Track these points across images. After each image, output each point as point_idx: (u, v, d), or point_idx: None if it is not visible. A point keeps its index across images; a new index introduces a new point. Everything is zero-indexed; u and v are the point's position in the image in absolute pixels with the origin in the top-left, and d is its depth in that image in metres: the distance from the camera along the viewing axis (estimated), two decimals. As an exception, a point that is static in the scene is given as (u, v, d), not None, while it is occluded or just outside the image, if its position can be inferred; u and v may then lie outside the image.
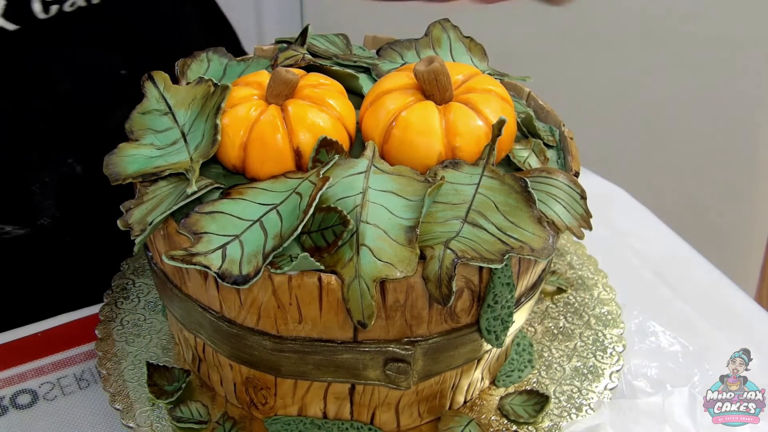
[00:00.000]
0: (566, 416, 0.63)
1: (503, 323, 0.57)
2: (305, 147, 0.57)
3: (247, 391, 0.61)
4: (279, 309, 0.54)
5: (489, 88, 0.60)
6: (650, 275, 0.82)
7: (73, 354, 0.72)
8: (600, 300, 0.73)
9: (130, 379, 0.64)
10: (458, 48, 0.68)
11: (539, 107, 0.67)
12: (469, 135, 0.58)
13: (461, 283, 0.54)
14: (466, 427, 0.62)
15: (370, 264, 0.52)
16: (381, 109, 0.59)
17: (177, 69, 0.66)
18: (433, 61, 0.58)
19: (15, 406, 0.68)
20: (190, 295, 0.58)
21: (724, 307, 0.80)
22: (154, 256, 0.60)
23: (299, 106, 0.58)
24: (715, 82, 1.53)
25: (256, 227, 0.54)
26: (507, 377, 0.66)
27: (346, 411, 0.60)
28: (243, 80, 0.62)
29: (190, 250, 0.53)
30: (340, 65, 0.67)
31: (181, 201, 0.55)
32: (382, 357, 0.56)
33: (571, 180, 0.58)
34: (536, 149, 0.62)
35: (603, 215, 0.70)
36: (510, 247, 0.53)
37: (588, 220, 0.57)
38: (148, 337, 0.68)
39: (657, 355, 0.71)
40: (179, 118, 0.61)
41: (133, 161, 0.59)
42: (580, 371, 0.67)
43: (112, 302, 0.71)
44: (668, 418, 0.65)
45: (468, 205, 0.55)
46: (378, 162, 0.57)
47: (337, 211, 0.53)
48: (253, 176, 0.58)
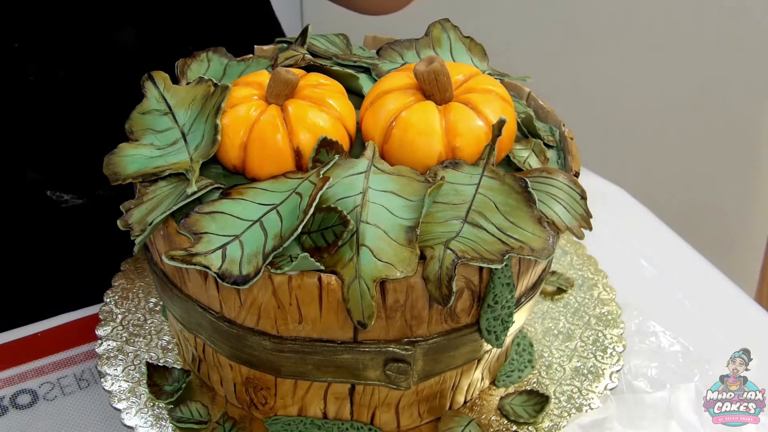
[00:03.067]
0: (566, 416, 0.63)
1: (503, 323, 0.57)
2: (305, 147, 0.57)
3: (247, 391, 0.61)
4: (279, 309, 0.54)
5: (489, 88, 0.60)
6: (650, 275, 0.82)
7: (73, 354, 0.72)
8: (600, 300, 0.73)
9: (130, 379, 0.64)
10: (458, 48, 0.68)
11: (539, 107, 0.67)
12: (469, 135, 0.58)
13: (461, 284, 0.54)
14: (466, 427, 0.62)
15: (370, 264, 0.52)
16: (381, 109, 0.59)
17: (177, 69, 0.66)
18: (433, 61, 0.58)
19: (15, 406, 0.68)
20: (190, 295, 0.58)
21: (724, 307, 0.80)
22: (154, 256, 0.60)
23: (299, 106, 0.58)
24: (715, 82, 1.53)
25: (256, 227, 0.54)
26: (507, 377, 0.66)
27: (346, 411, 0.60)
28: (243, 80, 0.62)
29: (190, 250, 0.53)
30: (340, 65, 0.67)
31: (181, 201, 0.55)
32: (382, 357, 0.56)
33: (571, 180, 0.58)
34: (536, 149, 0.62)
35: (603, 215, 0.70)
36: (510, 247, 0.53)
37: (588, 220, 0.57)
38: (148, 337, 0.68)
39: (657, 355, 0.71)
40: (179, 118, 0.61)
41: (133, 161, 0.59)
42: (580, 371, 0.67)
43: (112, 302, 0.71)
44: (674, 413, 0.65)
45: (468, 206, 0.55)
46: (378, 162, 0.57)
47: (337, 212, 0.53)
48: (253, 176, 0.58)
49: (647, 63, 1.51)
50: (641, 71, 1.52)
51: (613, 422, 0.64)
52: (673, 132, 1.57)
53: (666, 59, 1.51)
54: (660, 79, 1.52)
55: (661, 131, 1.57)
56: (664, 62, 1.51)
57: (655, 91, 1.53)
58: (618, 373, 0.67)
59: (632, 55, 1.50)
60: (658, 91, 1.53)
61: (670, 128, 1.57)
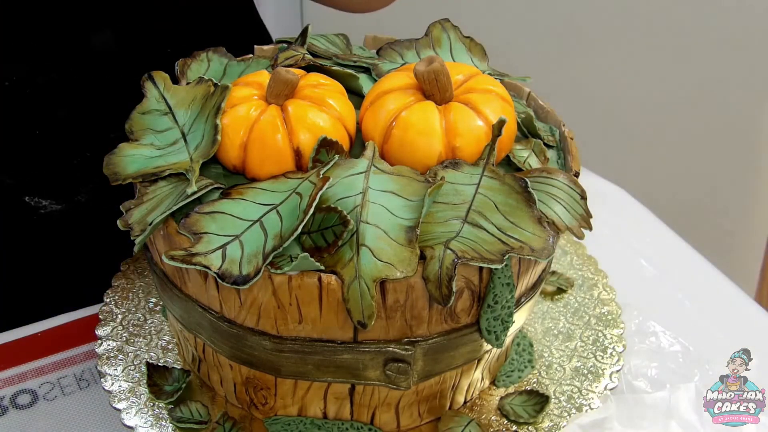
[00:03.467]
0: (566, 416, 0.63)
1: (503, 323, 0.57)
2: (305, 147, 0.57)
3: (247, 391, 0.61)
4: (279, 309, 0.54)
5: (489, 88, 0.60)
6: (650, 275, 0.82)
7: (73, 354, 0.72)
8: (600, 300, 0.73)
9: (130, 379, 0.64)
10: (458, 48, 0.68)
11: (539, 107, 0.67)
12: (469, 135, 0.58)
13: (461, 284, 0.54)
14: (466, 427, 0.62)
15: (370, 264, 0.52)
16: (381, 109, 0.59)
17: (177, 69, 0.66)
18: (433, 61, 0.58)
19: (15, 406, 0.68)
20: (190, 295, 0.58)
21: (724, 307, 0.80)
22: (154, 256, 0.60)
23: (299, 106, 0.58)
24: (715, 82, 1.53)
25: (256, 227, 0.54)
26: (507, 377, 0.66)
27: (346, 411, 0.60)
28: (243, 80, 0.62)
29: (190, 250, 0.53)
30: (340, 65, 0.67)
31: (181, 201, 0.55)
32: (382, 357, 0.56)
33: (571, 180, 0.58)
34: (536, 149, 0.62)
35: (603, 215, 0.70)
36: (510, 247, 0.53)
37: (588, 220, 0.57)
38: (148, 337, 0.68)
39: (657, 355, 0.71)
40: (179, 118, 0.61)
41: (133, 161, 0.59)
42: (580, 371, 0.67)
43: (112, 302, 0.71)
44: (674, 413, 0.65)
45: (468, 206, 0.55)
46: (378, 162, 0.57)
47: (337, 211, 0.53)
48: (253, 176, 0.58)
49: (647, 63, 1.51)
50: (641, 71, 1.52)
51: (613, 422, 0.64)
52: (673, 132, 1.57)
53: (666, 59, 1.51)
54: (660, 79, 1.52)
55: (661, 131, 1.57)
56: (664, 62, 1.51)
57: (655, 91, 1.53)
58: (618, 373, 0.67)
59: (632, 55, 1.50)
60: (658, 91, 1.53)
61: (670, 128, 1.57)
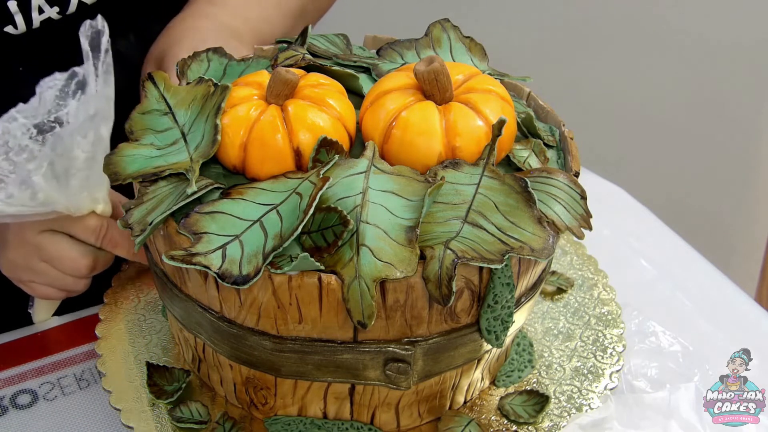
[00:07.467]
0: (566, 416, 0.63)
1: (503, 323, 0.57)
2: (305, 147, 0.57)
3: (247, 391, 0.61)
4: (279, 309, 0.54)
5: (489, 88, 0.60)
6: (650, 276, 0.82)
7: (73, 354, 0.72)
8: (600, 300, 0.73)
9: (130, 379, 0.64)
10: (458, 48, 0.68)
11: (539, 107, 0.67)
12: (469, 135, 0.58)
13: (461, 283, 0.54)
14: (466, 427, 0.62)
15: (370, 264, 0.52)
16: (381, 109, 0.59)
17: (177, 69, 0.66)
18: (433, 61, 0.58)
19: (15, 406, 0.68)
20: (190, 295, 0.58)
21: (724, 307, 0.80)
22: (154, 256, 0.60)
23: (299, 106, 0.58)
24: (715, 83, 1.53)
25: (256, 227, 0.54)
26: (507, 377, 0.66)
27: (346, 411, 0.60)
28: (243, 80, 0.62)
29: (190, 250, 0.53)
30: (340, 65, 0.67)
31: (181, 201, 0.55)
32: (382, 357, 0.56)
33: (571, 180, 0.58)
34: (536, 149, 0.62)
35: (603, 215, 0.70)
36: (510, 247, 0.53)
37: (588, 220, 0.57)
38: (148, 337, 0.68)
39: (657, 355, 0.71)
40: (179, 118, 0.61)
41: (133, 161, 0.59)
42: (580, 371, 0.67)
43: (112, 302, 0.71)
44: (674, 413, 0.65)
45: (468, 205, 0.55)
46: (378, 162, 0.57)
47: (337, 211, 0.53)
48: (253, 176, 0.58)
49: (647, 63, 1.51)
50: (641, 71, 1.52)
51: (613, 422, 0.64)
52: (673, 132, 1.57)
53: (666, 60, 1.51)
54: (660, 79, 1.52)
55: (661, 131, 1.57)
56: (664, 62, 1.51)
57: (655, 91, 1.53)
58: (618, 373, 0.67)
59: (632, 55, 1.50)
60: (658, 91, 1.54)
61: (670, 128, 1.57)
